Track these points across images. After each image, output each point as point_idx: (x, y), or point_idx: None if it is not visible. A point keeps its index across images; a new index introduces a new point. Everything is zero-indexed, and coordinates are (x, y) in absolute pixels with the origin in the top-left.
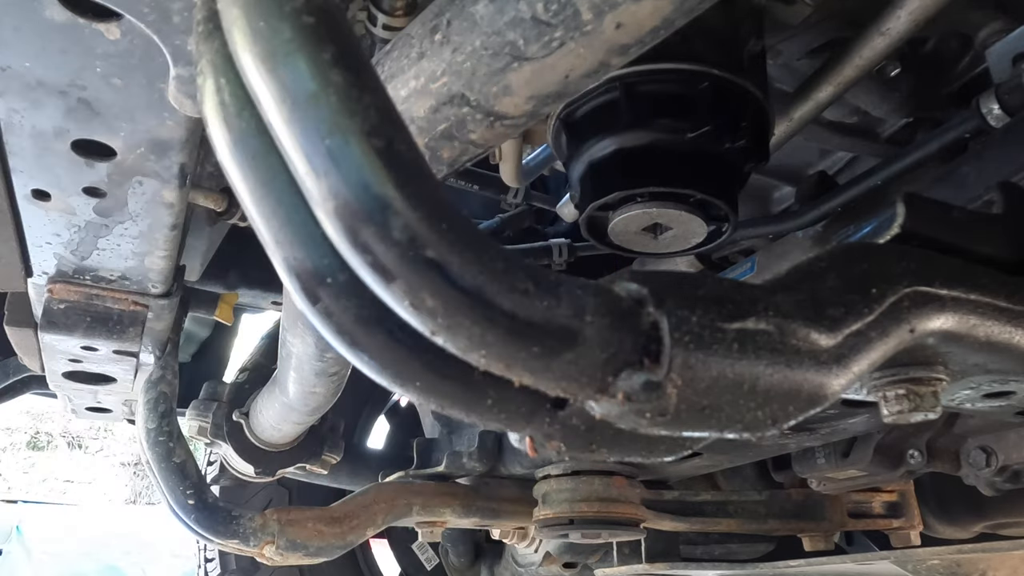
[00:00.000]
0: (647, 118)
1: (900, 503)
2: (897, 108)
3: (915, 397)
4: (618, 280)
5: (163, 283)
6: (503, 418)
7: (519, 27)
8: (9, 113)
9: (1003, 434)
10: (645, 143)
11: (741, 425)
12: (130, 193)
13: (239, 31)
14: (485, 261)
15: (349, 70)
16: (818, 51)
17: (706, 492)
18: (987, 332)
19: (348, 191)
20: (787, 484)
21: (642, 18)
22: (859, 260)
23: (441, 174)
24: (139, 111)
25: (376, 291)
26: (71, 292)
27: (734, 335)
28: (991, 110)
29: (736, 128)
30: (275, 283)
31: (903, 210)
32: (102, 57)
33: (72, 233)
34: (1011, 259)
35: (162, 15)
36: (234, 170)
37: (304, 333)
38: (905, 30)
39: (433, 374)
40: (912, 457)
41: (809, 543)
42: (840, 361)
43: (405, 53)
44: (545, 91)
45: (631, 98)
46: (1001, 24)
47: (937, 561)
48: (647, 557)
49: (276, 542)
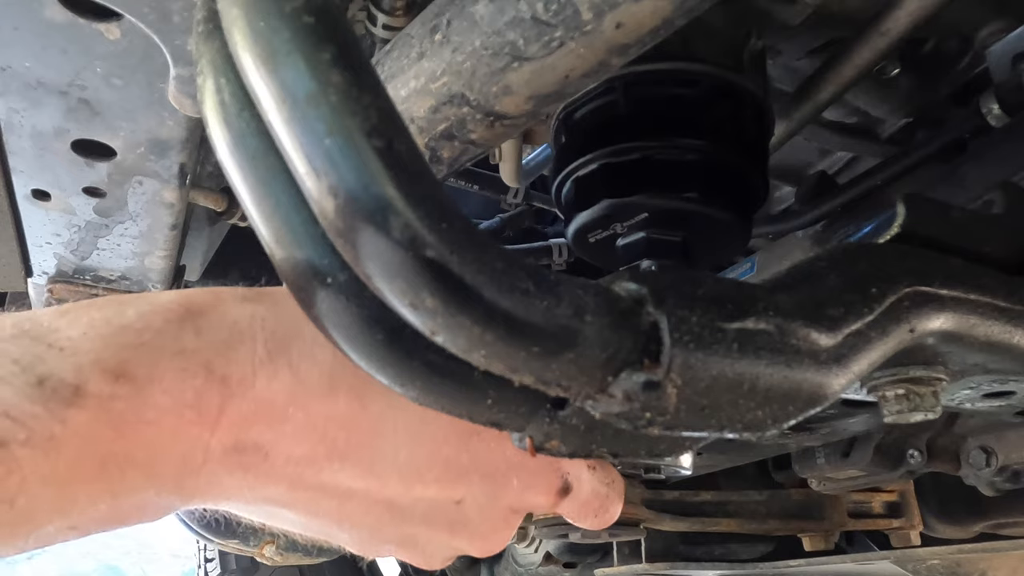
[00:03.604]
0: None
1: (900, 503)
2: (897, 108)
3: (915, 397)
4: (618, 280)
5: (163, 283)
6: (503, 418)
7: (519, 27)
8: (9, 113)
9: (1003, 434)
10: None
11: (741, 425)
12: (130, 193)
13: (239, 31)
14: (485, 261)
15: (349, 70)
16: (818, 51)
17: (706, 492)
18: (987, 332)
19: (348, 191)
20: (787, 484)
21: (642, 18)
22: (859, 260)
23: (441, 174)
24: (139, 111)
25: (376, 291)
26: (71, 292)
27: (734, 335)
28: (991, 110)
29: (736, 131)
30: (275, 283)
31: (903, 210)
32: (102, 57)
33: (72, 233)
34: (1011, 259)
35: (162, 15)
36: (234, 170)
37: None
38: (905, 30)
39: (433, 374)
40: (912, 457)
41: (809, 543)
42: (840, 361)
43: (405, 53)
44: (545, 91)
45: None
46: (1001, 24)
47: (937, 561)
48: (647, 557)
49: (276, 542)
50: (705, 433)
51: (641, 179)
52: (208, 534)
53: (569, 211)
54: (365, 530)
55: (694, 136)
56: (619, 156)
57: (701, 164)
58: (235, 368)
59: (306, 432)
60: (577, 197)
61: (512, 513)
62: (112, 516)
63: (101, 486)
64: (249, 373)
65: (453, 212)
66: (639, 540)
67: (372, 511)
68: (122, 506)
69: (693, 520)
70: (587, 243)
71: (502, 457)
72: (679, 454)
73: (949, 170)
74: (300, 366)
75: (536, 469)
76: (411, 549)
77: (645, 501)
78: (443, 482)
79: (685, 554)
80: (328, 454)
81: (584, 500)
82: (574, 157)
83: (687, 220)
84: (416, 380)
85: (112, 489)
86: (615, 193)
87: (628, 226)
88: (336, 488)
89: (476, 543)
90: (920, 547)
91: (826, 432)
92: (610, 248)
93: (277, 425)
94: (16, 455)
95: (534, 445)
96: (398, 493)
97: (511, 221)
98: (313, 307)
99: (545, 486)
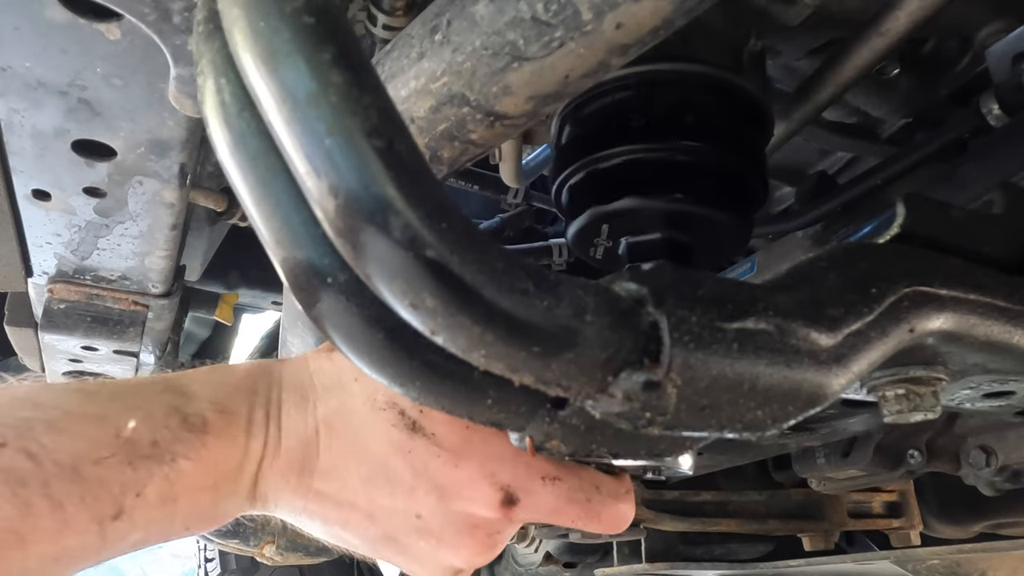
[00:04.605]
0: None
1: (900, 503)
2: (897, 108)
3: (915, 397)
4: (618, 280)
5: (163, 283)
6: (503, 418)
7: (519, 27)
8: (9, 113)
9: (1003, 434)
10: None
11: (741, 425)
12: (130, 193)
13: (239, 31)
14: (485, 261)
15: (349, 70)
16: (818, 51)
17: (706, 492)
18: (987, 332)
19: (348, 191)
20: (787, 484)
21: (642, 18)
22: (859, 260)
23: (441, 174)
24: (139, 111)
25: (376, 291)
26: (71, 292)
27: (734, 335)
28: (991, 110)
29: (735, 132)
30: (275, 283)
31: (903, 210)
32: (102, 57)
33: (72, 233)
34: (1011, 259)
35: (162, 15)
36: (234, 170)
37: (304, 333)
38: (904, 30)
39: (433, 374)
40: (912, 457)
41: (809, 543)
42: (840, 361)
43: (405, 53)
44: (545, 91)
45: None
46: (1001, 24)
47: (937, 561)
48: (647, 557)
49: (276, 542)
50: (705, 433)
51: (640, 180)
52: (209, 534)
53: (569, 212)
54: (362, 534)
55: (693, 138)
56: (609, 160)
57: (700, 165)
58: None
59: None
60: (574, 200)
61: (472, 526)
62: (213, 517)
63: (215, 492)
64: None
65: (453, 212)
66: (639, 540)
67: (361, 522)
68: (221, 509)
69: (693, 520)
70: (587, 245)
71: (439, 473)
72: (679, 454)
73: (949, 170)
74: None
75: (467, 483)
76: (406, 558)
77: (645, 501)
78: (396, 495)
79: (685, 554)
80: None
81: (551, 509)
82: (574, 158)
83: (687, 222)
84: (416, 380)
85: (221, 491)
86: (605, 199)
87: (627, 230)
88: (333, 499)
89: (453, 552)
90: (920, 547)
91: (826, 432)
92: (611, 250)
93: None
94: (182, 469)
95: (534, 445)
96: (368, 504)
97: (511, 221)
98: (313, 307)
99: (482, 499)
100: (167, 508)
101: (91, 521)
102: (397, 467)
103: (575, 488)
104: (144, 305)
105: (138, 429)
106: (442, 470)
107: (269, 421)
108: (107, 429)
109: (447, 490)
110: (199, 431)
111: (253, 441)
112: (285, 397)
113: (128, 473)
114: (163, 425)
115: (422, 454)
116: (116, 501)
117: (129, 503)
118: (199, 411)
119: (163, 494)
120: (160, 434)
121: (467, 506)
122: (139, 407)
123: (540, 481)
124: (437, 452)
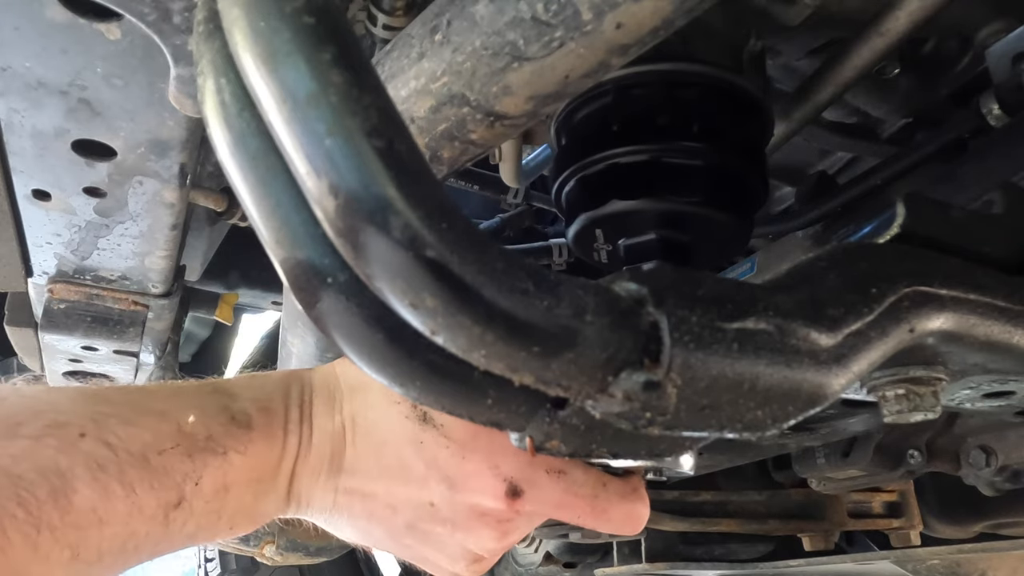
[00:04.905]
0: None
1: (900, 503)
2: (897, 108)
3: (915, 397)
4: (618, 280)
5: (163, 283)
6: (503, 418)
7: (519, 27)
8: (10, 113)
9: (1003, 434)
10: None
11: (741, 425)
12: (130, 193)
13: (239, 31)
14: (485, 261)
15: (349, 70)
16: (818, 51)
17: (706, 492)
18: (987, 332)
19: (348, 191)
20: (787, 484)
21: (642, 18)
22: (859, 260)
23: (441, 174)
24: (139, 111)
25: (376, 291)
26: (71, 292)
27: (734, 335)
28: (991, 110)
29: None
30: (275, 283)
31: (903, 210)
32: (102, 57)
33: (72, 233)
34: (1011, 259)
35: (162, 15)
36: (234, 170)
37: (304, 333)
38: (904, 31)
39: (433, 374)
40: (912, 457)
41: (809, 543)
42: (840, 361)
43: (405, 53)
44: (545, 91)
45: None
46: (1001, 24)
47: (937, 561)
48: (647, 557)
49: (276, 542)
50: (705, 433)
51: (627, 183)
52: None
53: (570, 213)
54: (387, 526)
55: (692, 138)
56: (598, 164)
57: (699, 166)
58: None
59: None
60: (578, 200)
61: (481, 514)
62: (253, 517)
63: (257, 488)
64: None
65: (453, 212)
66: (639, 540)
67: (384, 512)
68: (260, 508)
69: (693, 520)
70: (589, 250)
71: (447, 464)
72: (679, 454)
73: (949, 170)
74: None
75: (473, 474)
76: (429, 546)
77: None
78: (411, 484)
79: (685, 554)
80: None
81: (557, 502)
82: (573, 159)
83: (687, 222)
84: (416, 380)
85: (263, 487)
86: (596, 203)
87: (622, 233)
88: (359, 492)
89: (469, 537)
90: (920, 547)
91: (826, 432)
92: (613, 253)
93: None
94: (233, 461)
95: (534, 445)
96: (387, 495)
97: (511, 221)
98: (313, 307)
99: (488, 490)
100: (219, 500)
101: (157, 507)
102: (410, 457)
103: (580, 483)
104: (144, 305)
105: (195, 424)
106: (450, 461)
107: (303, 420)
108: (170, 423)
109: (455, 481)
110: (245, 427)
111: (290, 438)
112: (316, 398)
113: (187, 463)
114: (216, 421)
115: (432, 445)
116: (178, 488)
117: (189, 491)
118: (244, 409)
119: (216, 484)
120: (213, 429)
121: (473, 497)
122: (195, 405)
123: (544, 474)
124: (446, 444)
